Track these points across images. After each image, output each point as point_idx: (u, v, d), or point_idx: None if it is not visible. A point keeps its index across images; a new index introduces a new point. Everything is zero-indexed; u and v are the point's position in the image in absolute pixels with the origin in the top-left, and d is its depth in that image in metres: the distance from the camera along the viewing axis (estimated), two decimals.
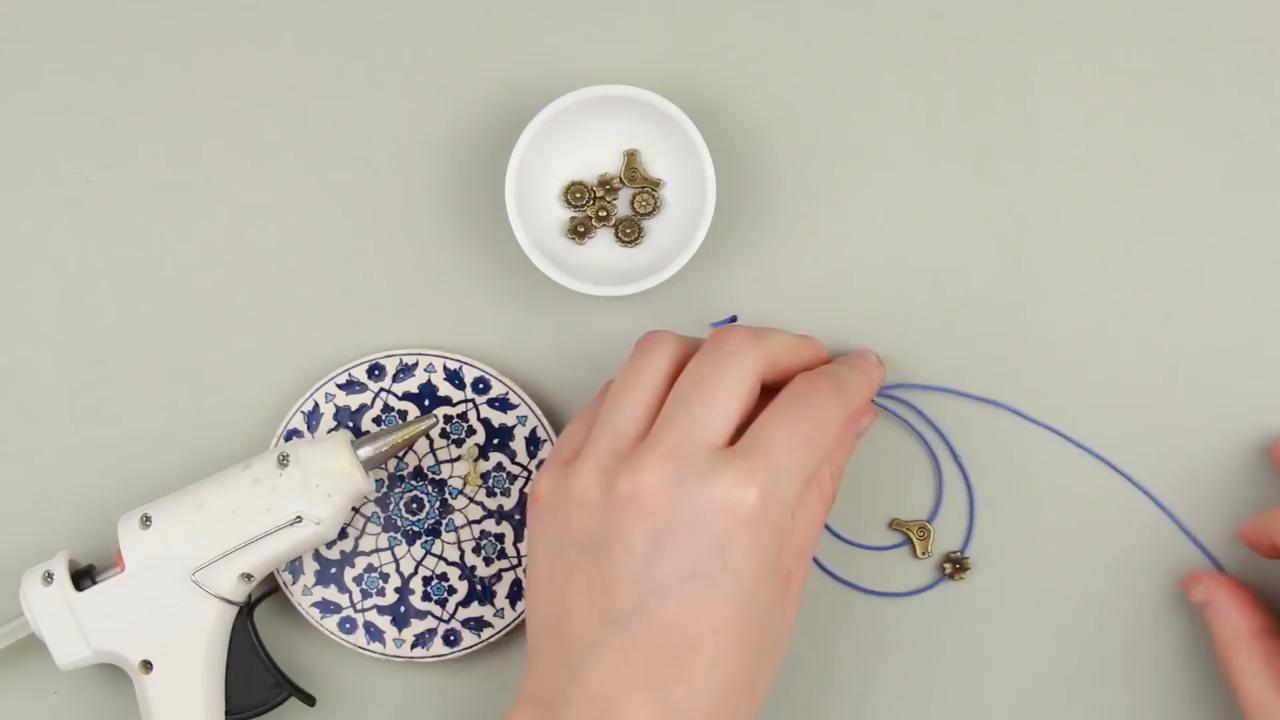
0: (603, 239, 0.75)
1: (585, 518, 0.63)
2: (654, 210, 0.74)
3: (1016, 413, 0.74)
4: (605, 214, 0.74)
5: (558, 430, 0.74)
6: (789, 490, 0.63)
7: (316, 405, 0.74)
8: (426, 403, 0.74)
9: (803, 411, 0.64)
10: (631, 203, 0.74)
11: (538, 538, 0.65)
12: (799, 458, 0.63)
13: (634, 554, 0.62)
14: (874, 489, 0.74)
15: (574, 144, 0.74)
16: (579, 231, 0.74)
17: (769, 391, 0.66)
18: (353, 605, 0.73)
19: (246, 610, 0.70)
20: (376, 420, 0.74)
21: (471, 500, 0.74)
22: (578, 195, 0.74)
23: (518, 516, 0.73)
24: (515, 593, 0.73)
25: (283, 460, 0.69)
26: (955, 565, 0.73)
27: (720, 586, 0.62)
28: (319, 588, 0.73)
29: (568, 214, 0.75)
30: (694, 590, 0.61)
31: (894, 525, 0.74)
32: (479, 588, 0.73)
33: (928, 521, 0.74)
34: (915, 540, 0.74)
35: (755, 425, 0.64)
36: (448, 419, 0.74)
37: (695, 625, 0.61)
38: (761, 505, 0.62)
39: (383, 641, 0.73)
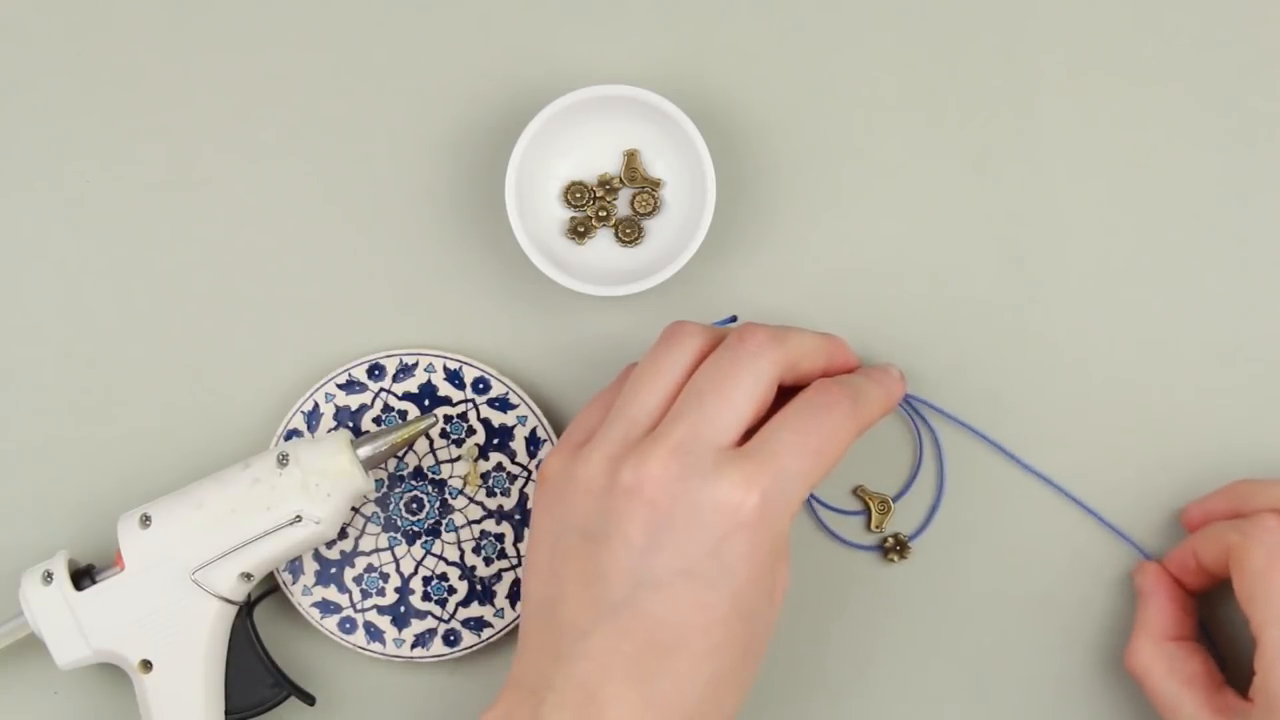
0: (603, 239, 0.75)
1: (588, 504, 0.63)
2: (654, 210, 0.74)
3: (999, 448, 0.74)
4: (605, 214, 0.74)
5: (558, 430, 0.74)
6: (791, 497, 0.63)
7: (316, 405, 0.74)
8: (426, 403, 0.74)
9: (815, 420, 0.64)
10: (631, 203, 0.74)
11: (541, 519, 0.65)
12: (805, 465, 0.63)
13: (631, 545, 0.62)
14: (850, 453, 0.73)
15: (574, 144, 0.74)
16: (579, 231, 0.74)
17: (786, 392, 0.66)
18: (353, 605, 0.73)
19: (246, 610, 0.70)
20: (376, 420, 0.74)
21: (471, 500, 0.74)
22: (578, 195, 0.74)
23: (518, 516, 0.73)
24: (515, 593, 0.73)
25: (282, 460, 0.69)
26: (896, 546, 0.73)
27: (713, 586, 0.62)
28: (319, 588, 0.73)
29: (568, 214, 0.75)
30: (687, 587, 0.61)
31: (857, 492, 0.74)
32: (479, 588, 0.73)
33: (892, 499, 0.74)
34: (874, 512, 0.74)
35: (765, 428, 0.64)
36: (448, 419, 0.74)
37: (685, 622, 0.61)
38: (761, 510, 0.62)
39: (383, 641, 0.73)
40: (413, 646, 0.73)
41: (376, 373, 0.74)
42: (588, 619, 0.62)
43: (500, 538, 0.73)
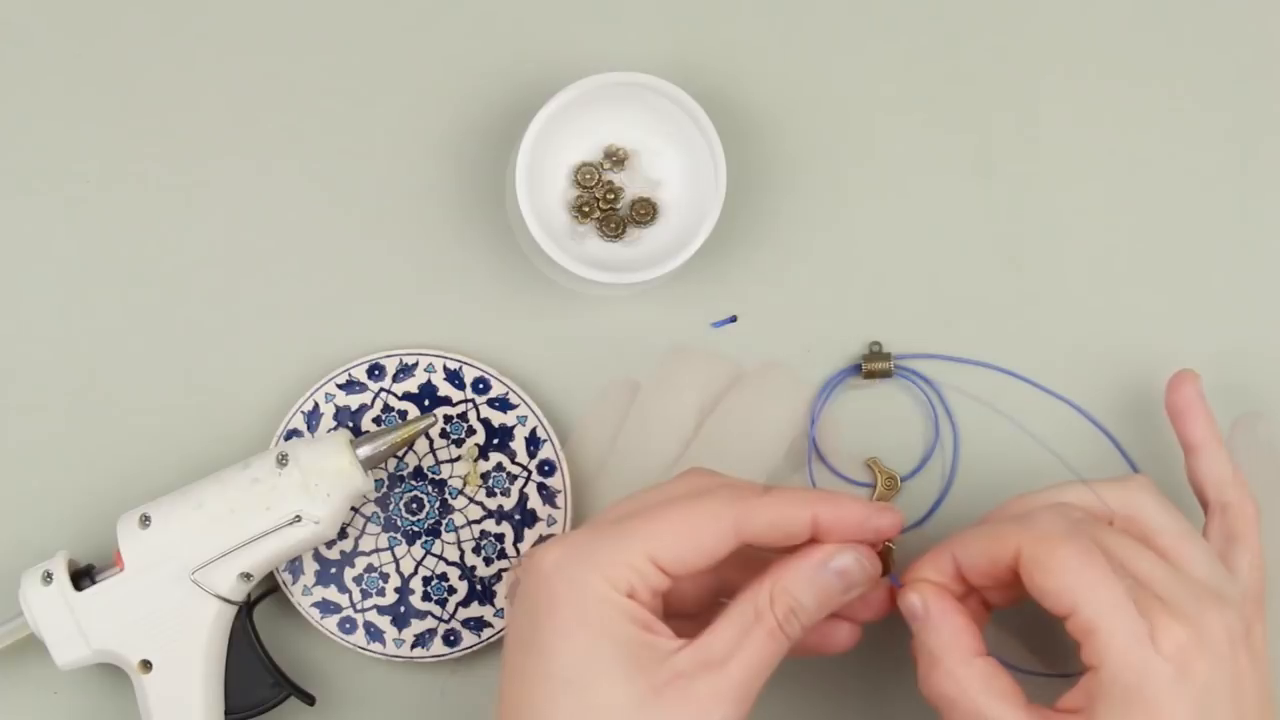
0: (603, 240, 0.74)
1: None
2: (651, 219, 0.74)
3: (1012, 374, 0.74)
4: (608, 219, 0.74)
5: (558, 430, 0.74)
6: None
7: (316, 405, 0.74)
8: (426, 403, 0.74)
9: None
10: (631, 210, 0.74)
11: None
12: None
13: None
14: (870, 429, 0.74)
15: (575, 139, 0.74)
16: (584, 211, 0.74)
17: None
18: (353, 605, 0.73)
19: (246, 610, 0.70)
20: (376, 420, 0.74)
21: (471, 500, 0.74)
22: (587, 176, 0.74)
23: (518, 516, 0.73)
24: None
25: (282, 459, 0.69)
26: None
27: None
28: (319, 588, 0.73)
29: (569, 215, 0.74)
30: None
31: (869, 463, 0.74)
32: (479, 588, 0.73)
33: (901, 478, 0.74)
34: (881, 488, 0.73)
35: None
36: (448, 419, 0.74)
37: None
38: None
39: (383, 641, 0.73)
40: (413, 646, 0.73)
41: (376, 373, 0.74)
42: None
43: (500, 538, 0.73)
